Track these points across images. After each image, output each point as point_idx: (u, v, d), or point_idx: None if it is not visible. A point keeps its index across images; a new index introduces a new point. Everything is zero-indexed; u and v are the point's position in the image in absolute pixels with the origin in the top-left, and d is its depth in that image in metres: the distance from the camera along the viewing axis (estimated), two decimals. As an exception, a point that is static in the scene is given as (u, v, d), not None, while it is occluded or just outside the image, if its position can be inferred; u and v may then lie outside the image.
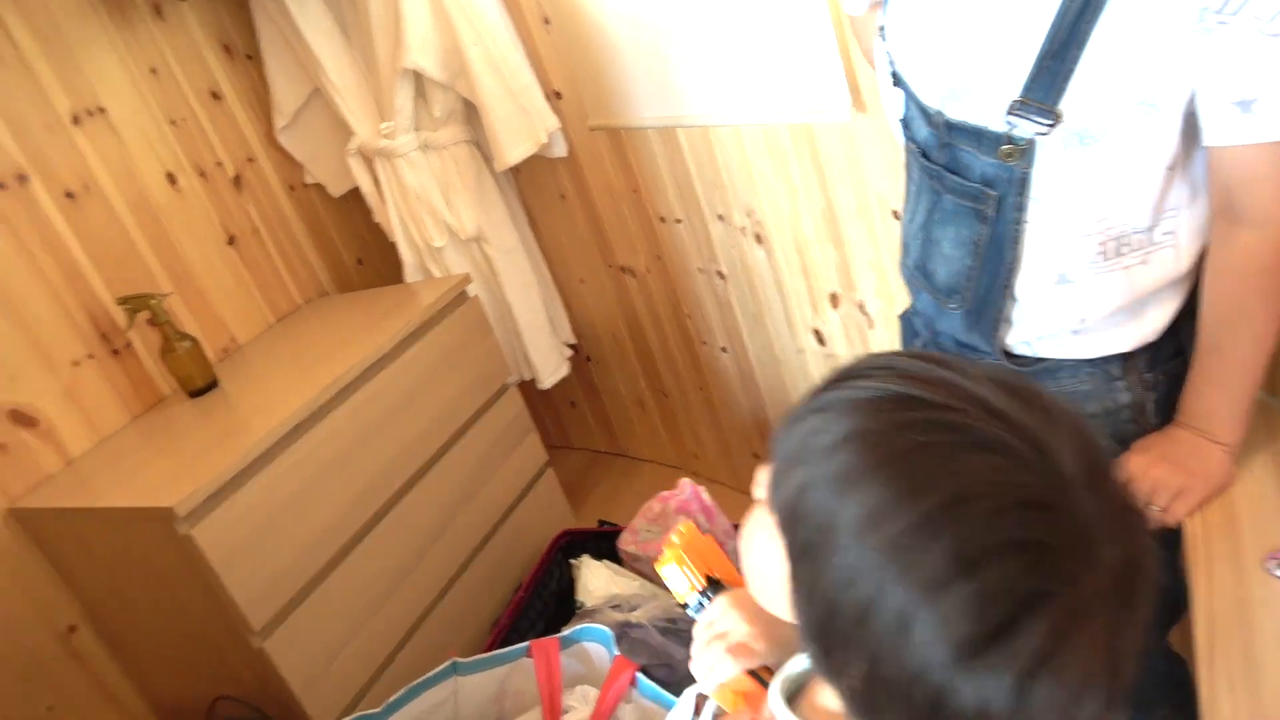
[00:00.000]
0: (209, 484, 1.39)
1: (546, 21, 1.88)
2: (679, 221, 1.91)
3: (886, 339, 1.63)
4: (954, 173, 0.90)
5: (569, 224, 2.19)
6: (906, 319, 1.13)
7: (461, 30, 1.81)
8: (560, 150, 2.01)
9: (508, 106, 1.88)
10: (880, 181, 1.47)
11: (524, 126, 1.90)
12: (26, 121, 1.66)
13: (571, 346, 2.33)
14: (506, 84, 1.86)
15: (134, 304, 1.70)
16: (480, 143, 2.05)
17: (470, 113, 2.02)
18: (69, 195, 1.72)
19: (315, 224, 2.21)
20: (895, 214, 1.48)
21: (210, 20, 2.00)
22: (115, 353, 1.76)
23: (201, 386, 1.76)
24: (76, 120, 1.74)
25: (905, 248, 1.03)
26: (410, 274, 2.09)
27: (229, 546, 1.40)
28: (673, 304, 2.08)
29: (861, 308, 1.64)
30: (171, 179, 1.89)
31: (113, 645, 1.69)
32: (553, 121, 1.93)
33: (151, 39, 1.89)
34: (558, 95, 1.97)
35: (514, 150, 1.90)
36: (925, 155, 0.94)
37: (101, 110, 1.79)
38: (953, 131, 0.88)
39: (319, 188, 2.20)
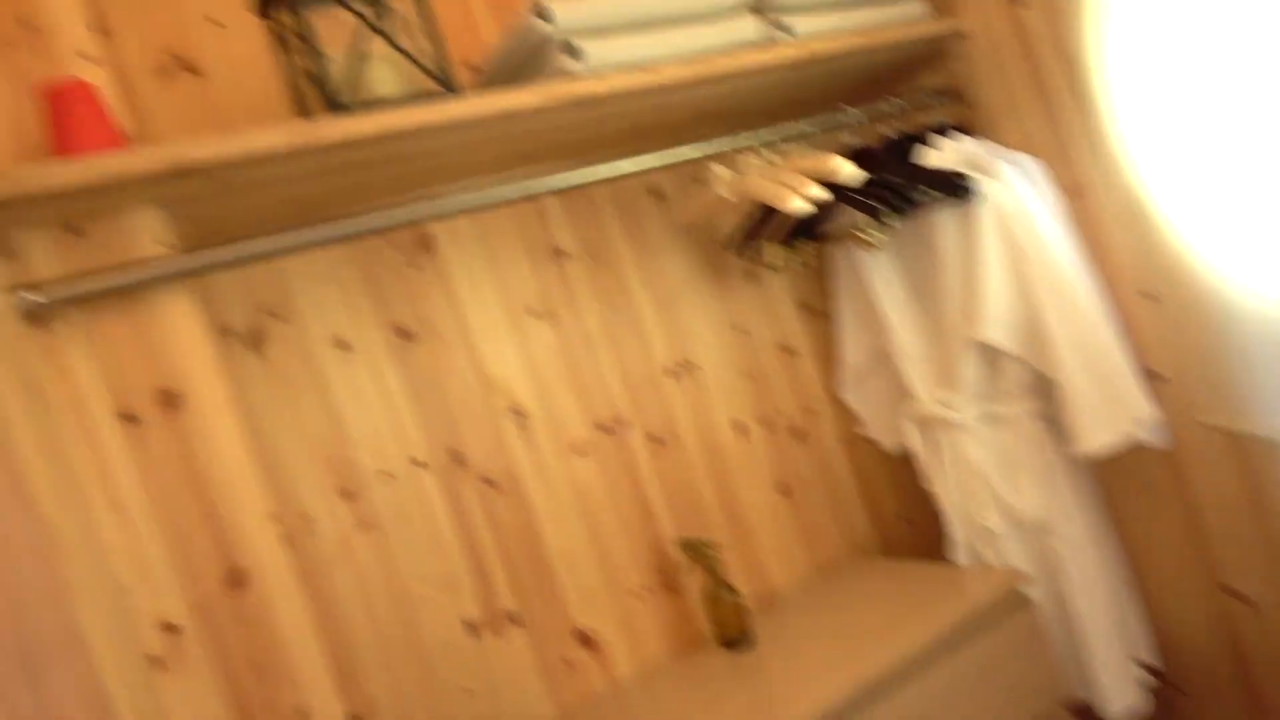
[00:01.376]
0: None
1: (1152, 298, 1.65)
2: (1326, 551, 1.47)
3: None
4: None
5: (1160, 524, 1.83)
6: None
7: (1045, 306, 1.67)
8: (1158, 441, 1.72)
9: (1091, 388, 1.66)
10: None
11: (1109, 414, 1.66)
12: (633, 372, 1.92)
13: (1153, 672, 1.90)
14: (1092, 364, 1.66)
15: (692, 550, 1.81)
16: (1052, 418, 1.85)
17: (1043, 385, 1.83)
18: (656, 440, 1.92)
19: (865, 478, 2.18)
20: None
21: (791, 282, 2.16)
22: (668, 590, 1.88)
23: (736, 638, 1.78)
24: (672, 373, 1.97)
25: None
26: (959, 553, 1.92)
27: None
28: (1306, 650, 1.59)
29: None
30: (739, 428, 2.03)
31: None
32: (1145, 410, 1.66)
33: (740, 300, 2.08)
34: (1159, 378, 1.70)
35: (1097, 438, 1.67)
36: None
37: (691, 364, 2.00)
38: None
39: (872, 441, 2.18)
